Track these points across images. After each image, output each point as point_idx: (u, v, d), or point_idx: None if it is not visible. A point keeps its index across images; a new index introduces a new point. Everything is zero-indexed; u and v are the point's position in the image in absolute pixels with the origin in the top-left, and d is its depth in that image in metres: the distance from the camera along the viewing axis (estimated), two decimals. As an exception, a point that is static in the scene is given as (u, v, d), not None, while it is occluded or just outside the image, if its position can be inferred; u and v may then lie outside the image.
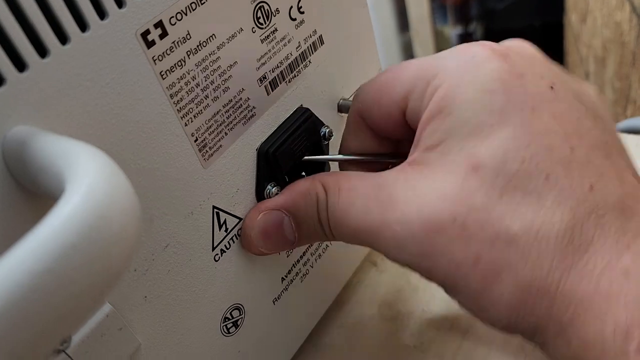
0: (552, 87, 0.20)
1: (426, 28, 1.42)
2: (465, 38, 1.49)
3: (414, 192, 0.20)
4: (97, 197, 0.13)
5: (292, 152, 0.26)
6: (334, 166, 0.30)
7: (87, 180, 0.14)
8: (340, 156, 0.27)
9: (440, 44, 1.48)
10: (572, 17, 1.06)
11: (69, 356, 0.19)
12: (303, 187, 0.24)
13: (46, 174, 0.15)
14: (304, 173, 0.28)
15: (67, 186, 0.14)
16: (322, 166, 0.29)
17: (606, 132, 0.20)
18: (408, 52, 1.53)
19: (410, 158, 0.22)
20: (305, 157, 0.27)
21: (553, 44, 1.20)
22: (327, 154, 0.29)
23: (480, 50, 0.21)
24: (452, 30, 1.51)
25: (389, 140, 0.26)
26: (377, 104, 0.24)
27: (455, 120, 0.20)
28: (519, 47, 0.22)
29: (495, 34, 1.35)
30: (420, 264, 0.20)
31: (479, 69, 0.20)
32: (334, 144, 0.29)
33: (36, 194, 0.17)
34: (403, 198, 0.20)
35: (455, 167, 0.19)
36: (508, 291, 0.19)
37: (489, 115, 0.19)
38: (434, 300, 0.34)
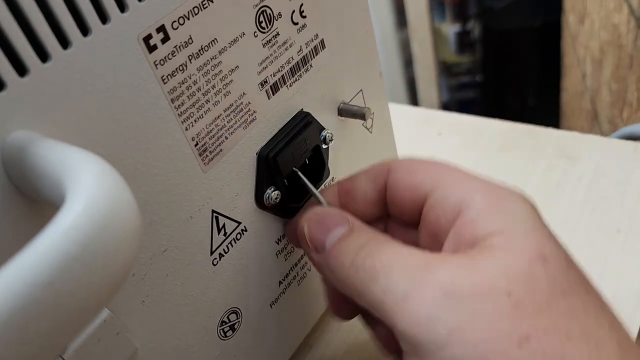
0: None
1: (424, 25, 1.42)
2: (463, 36, 1.49)
3: (470, 263, 0.19)
4: (98, 207, 0.13)
5: (292, 156, 0.26)
6: (333, 167, 0.30)
7: (87, 189, 0.13)
8: (323, 200, 0.26)
9: (438, 41, 1.48)
10: (569, 18, 1.06)
11: (66, 361, 0.19)
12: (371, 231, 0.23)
13: (46, 181, 0.15)
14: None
15: (67, 195, 0.14)
16: (322, 170, 0.29)
17: None
18: (406, 50, 1.53)
19: (461, 248, 0.21)
20: (295, 168, 0.26)
21: (551, 44, 1.20)
22: (327, 160, 0.29)
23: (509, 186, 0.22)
24: (450, 28, 1.50)
25: (378, 209, 0.26)
26: (410, 172, 0.24)
27: (515, 215, 0.20)
28: None
29: (493, 33, 1.35)
30: (449, 319, 0.18)
31: (512, 194, 0.22)
32: (334, 147, 0.29)
33: (36, 200, 0.17)
34: (457, 262, 0.19)
35: (521, 250, 0.19)
36: None
37: (549, 232, 0.20)
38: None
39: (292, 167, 0.26)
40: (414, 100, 1.59)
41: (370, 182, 0.25)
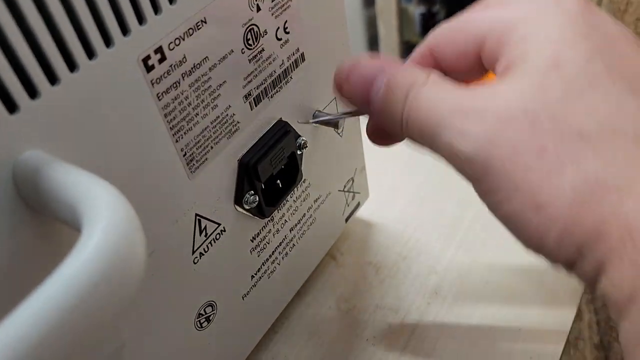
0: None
1: (391, 5, 1.43)
2: (428, 18, 1.51)
3: (493, 91, 0.20)
4: (115, 237, 0.15)
5: (270, 163, 0.28)
6: (305, 169, 0.32)
7: (105, 220, 0.15)
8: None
9: (404, 22, 1.50)
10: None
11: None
12: (416, 68, 0.23)
13: (62, 205, 0.16)
14: (278, 181, 0.30)
15: (85, 224, 0.15)
16: (295, 175, 0.31)
17: None
18: (372, 28, 1.54)
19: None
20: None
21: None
22: (301, 164, 0.31)
23: None
24: (416, 9, 1.52)
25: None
26: (452, 41, 0.24)
27: (539, 37, 0.20)
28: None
29: (457, 19, 1.37)
30: (481, 153, 0.19)
31: (559, 5, 0.21)
32: (307, 151, 0.31)
33: (43, 214, 0.18)
34: (481, 94, 0.20)
35: (536, 65, 0.20)
36: (571, 184, 0.18)
37: (573, 34, 0.20)
38: (387, 296, 0.37)
39: (270, 173, 0.28)
40: (376, 79, 1.61)
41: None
